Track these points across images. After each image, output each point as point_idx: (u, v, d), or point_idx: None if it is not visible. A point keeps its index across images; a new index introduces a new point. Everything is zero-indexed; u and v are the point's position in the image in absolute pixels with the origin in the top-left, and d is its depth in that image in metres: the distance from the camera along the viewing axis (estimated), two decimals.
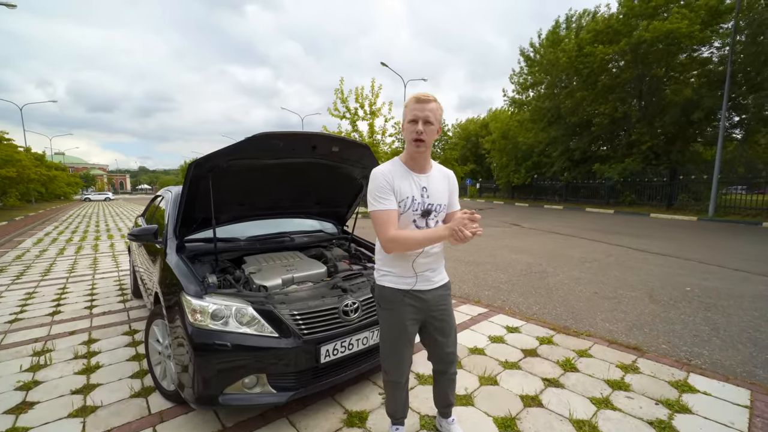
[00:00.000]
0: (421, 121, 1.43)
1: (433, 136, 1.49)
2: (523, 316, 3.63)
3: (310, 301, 2.03)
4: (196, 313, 1.83)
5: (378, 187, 1.49)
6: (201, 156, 2.00)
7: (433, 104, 1.44)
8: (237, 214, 2.69)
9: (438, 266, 1.65)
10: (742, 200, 13.52)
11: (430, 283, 1.60)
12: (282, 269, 2.40)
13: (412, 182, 1.52)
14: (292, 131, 2.09)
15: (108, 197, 50.02)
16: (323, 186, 2.87)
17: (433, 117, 1.44)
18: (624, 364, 2.63)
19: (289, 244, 2.88)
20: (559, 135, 21.05)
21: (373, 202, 1.48)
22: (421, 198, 1.52)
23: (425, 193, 1.54)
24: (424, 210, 1.54)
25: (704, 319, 3.56)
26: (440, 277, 1.65)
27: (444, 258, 1.71)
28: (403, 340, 1.61)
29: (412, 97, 1.47)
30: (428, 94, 1.45)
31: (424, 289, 1.58)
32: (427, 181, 1.55)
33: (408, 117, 1.47)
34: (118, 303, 4.15)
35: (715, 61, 17.01)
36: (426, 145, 1.48)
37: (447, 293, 1.68)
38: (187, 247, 2.51)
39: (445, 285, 1.67)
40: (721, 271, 5.48)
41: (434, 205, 1.56)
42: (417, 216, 1.54)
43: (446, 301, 1.67)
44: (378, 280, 1.64)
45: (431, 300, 1.60)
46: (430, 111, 1.43)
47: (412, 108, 1.45)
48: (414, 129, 1.44)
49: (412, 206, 1.51)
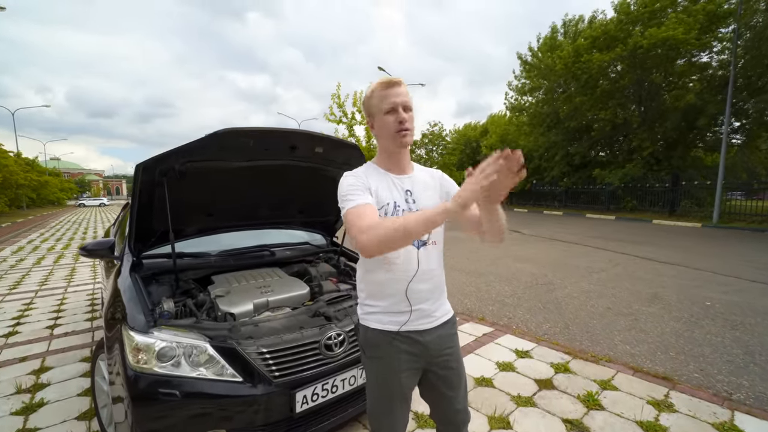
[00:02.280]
0: (401, 107, 1.13)
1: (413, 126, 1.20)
2: (533, 337, 3.26)
3: (286, 333, 1.66)
4: (140, 352, 1.46)
5: (347, 186, 1.15)
6: (151, 157, 1.64)
7: (405, 87, 1.16)
8: (205, 225, 2.32)
9: (439, 295, 1.26)
10: (745, 206, 13.27)
11: (429, 319, 1.21)
12: (255, 291, 2.03)
13: (392, 185, 1.20)
14: (265, 127, 1.74)
15: (103, 203, 49.48)
16: (307, 192, 2.52)
17: (410, 100, 1.16)
18: (655, 399, 2.27)
19: (268, 260, 2.51)
20: (559, 140, 20.82)
21: (343, 204, 1.13)
22: (406, 204, 1.19)
23: (410, 197, 1.21)
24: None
25: (734, 340, 3.20)
26: (443, 310, 1.26)
27: (445, 287, 1.30)
28: (396, 398, 1.22)
29: (378, 83, 1.16)
30: (394, 77, 1.17)
31: (421, 329, 1.19)
32: (411, 184, 1.22)
33: (383, 108, 1.14)
34: (85, 321, 3.75)
35: (714, 65, 16.91)
36: (411, 135, 1.18)
37: (453, 332, 1.28)
38: (146, 264, 2.15)
39: (449, 321, 1.27)
40: (738, 283, 5.14)
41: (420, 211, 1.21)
42: None
43: (452, 342, 1.26)
44: (361, 318, 1.26)
45: (432, 343, 1.20)
46: (405, 95, 1.15)
47: (383, 96, 1.14)
48: (396, 118, 1.13)
49: (394, 213, 1.17)
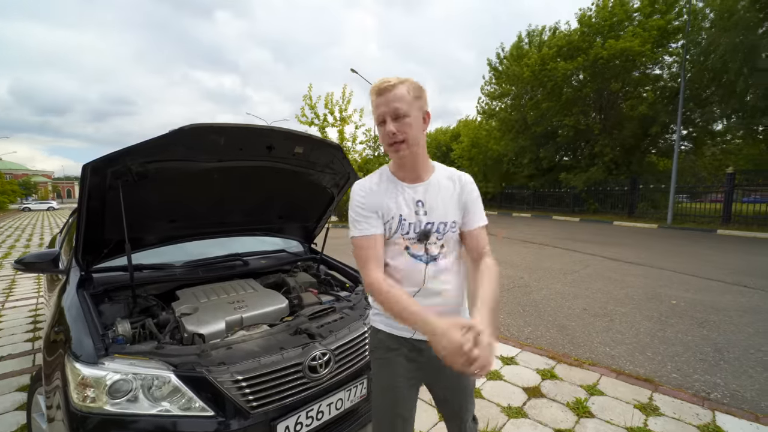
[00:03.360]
0: (389, 118, 1.02)
1: (419, 129, 1.06)
2: (517, 342, 3.23)
3: (264, 355, 1.46)
4: (86, 388, 1.23)
5: (353, 207, 1.13)
6: (101, 156, 1.40)
7: (399, 89, 1.02)
8: (168, 233, 2.07)
9: (453, 308, 1.16)
10: (694, 209, 14.29)
11: None
12: (227, 307, 1.81)
13: (400, 196, 1.12)
14: (238, 124, 1.55)
15: (52, 206, 45.65)
16: (285, 197, 2.33)
17: (405, 105, 1.02)
18: (641, 403, 2.27)
19: (240, 270, 2.29)
20: (527, 145, 21.57)
21: (350, 227, 1.12)
22: (416, 216, 1.11)
23: (421, 208, 1.12)
24: (421, 231, 1.11)
25: (702, 338, 3.33)
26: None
27: (465, 299, 1.21)
28: (396, 408, 1.16)
29: (372, 88, 1.06)
30: (388, 79, 1.04)
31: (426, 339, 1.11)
32: (424, 192, 1.13)
33: (376, 118, 1.06)
34: (25, 343, 3.31)
35: (666, 77, 18.20)
36: (409, 145, 1.05)
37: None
38: (97, 279, 1.87)
39: None
40: (696, 281, 5.43)
41: (434, 224, 1.12)
42: (410, 241, 1.12)
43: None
44: (371, 319, 1.25)
45: (437, 361, 1.04)
46: (397, 100, 1.01)
47: (376, 105, 1.05)
48: (384, 132, 1.04)
49: (400, 228, 1.11)
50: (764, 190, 12.83)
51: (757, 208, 12.35)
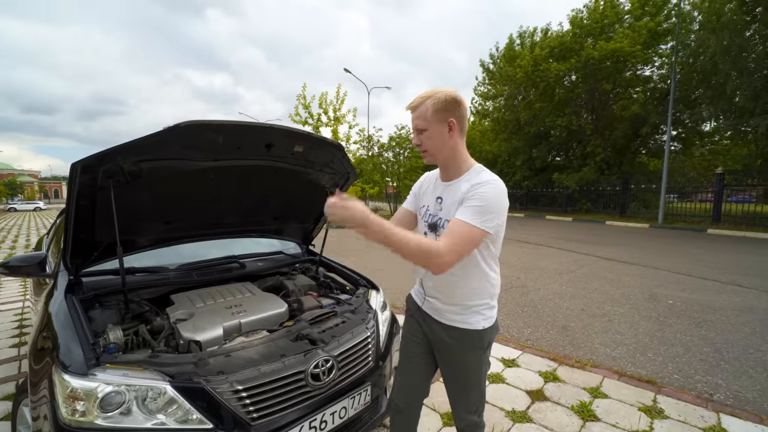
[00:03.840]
0: (415, 132, 1.25)
1: (440, 139, 1.22)
2: (517, 344, 3.20)
3: (264, 363, 1.40)
4: (76, 401, 1.15)
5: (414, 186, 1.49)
6: (92, 155, 1.32)
7: (422, 107, 1.21)
8: (162, 235, 1.98)
9: (451, 299, 1.29)
10: (684, 208, 14.51)
11: (437, 313, 1.35)
12: (225, 312, 1.74)
13: (434, 190, 1.36)
14: (237, 122, 1.48)
15: (39, 207, 44.74)
16: (282, 196, 2.26)
17: (423, 122, 1.21)
18: (645, 405, 2.25)
19: (237, 273, 2.21)
20: (520, 145, 21.70)
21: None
22: (435, 209, 1.33)
23: (439, 204, 1.31)
24: (431, 223, 1.33)
25: (701, 338, 3.33)
26: (456, 317, 1.29)
27: (480, 294, 1.27)
28: (404, 357, 1.49)
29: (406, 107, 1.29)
30: (420, 96, 1.23)
31: (431, 315, 1.37)
32: (443, 190, 1.31)
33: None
34: (11, 348, 3.18)
35: (655, 79, 18.46)
36: (429, 153, 1.26)
37: (463, 340, 1.28)
38: (86, 283, 1.78)
39: (459, 331, 1.28)
40: (691, 281, 5.48)
41: (441, 220, 1.29)
42: (426, 228, 1.35)
43: (459, 349, 1.30)
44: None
45: (439, 335, 1.33)
46: (418, 117, 1.22)
47: (411, 119, 1.28)
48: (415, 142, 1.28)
49: (424, 216, 1.37)
50: (751, 190, 13.08)
51: (746, 207, 12.58)
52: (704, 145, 18.70)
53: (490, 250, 1.25)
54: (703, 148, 18.94)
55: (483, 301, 1.27)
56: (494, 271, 1.28)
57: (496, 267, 1.30)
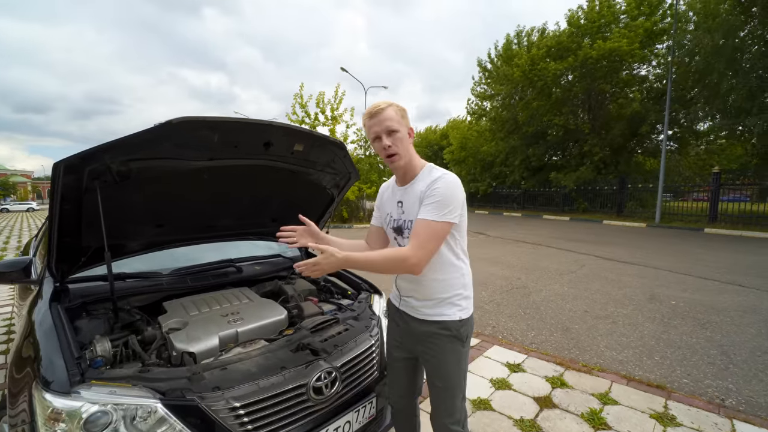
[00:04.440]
0: (384, 135, 1.25)
1: (406, 143, 1.29)
2: (522, 347, 3.13)
3: (263, 377, 1.31)
4: (58, 422, 1.05)
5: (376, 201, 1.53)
6: (76, 153, 1.22)
7: (387, 111, 1.24)
8: (154, 239, 1.88)
9: (424, 295, 1.32)
10: (680, 207, 14.55)
11: (414, 310, 1.36)
12: (220, 320, 1.64)
13: (392, 197, 1.41)
14: (234, 118, 1.38)
15: (32, 207, 44.15)
16: (281, 197, 2.17)
17: (396, 123, 1.25)
18: (657, 412, 2.18)
19: (234, 278, 2.12)
20: (518, 145, 21.68)
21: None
22: (397, 214, 1.37)
23: (400, 207, 1.36)
24: (395, 227, 1.37)
25: (707, 340, 3.28)
26: (431, 311, 1.31)
27: (452, 286, 1.31)
28: (389, 360, 1.53)
29: (364, 114, 1.30)
30: (378, 104, 1.27)
31: (409, 314, 1.38)
32: (402, 194, 1.36)
33: (370, 137, 1.30)
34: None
35: (651, 78, 18.52)
36: (401, 156, 1.28)
37: (441, 332, 1.29)
38: (74, 290, 1.68)
39: (436, 324, 1.30)
40: (692, 281, 5.44)
41: (405, 222, 1.33)
42: (392, 234, 1.41)
43: (437, 341, 1.30)
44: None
45: (417, 331, 1.35)
46: (388, 120, 1.24)
47: (368, 126, 1.28)
48: (380, 146, 1.27)
49: (389, 223, 1.41)
50: (746, 189, 13.14)
51: (742, 206, 12.63)
52: (700, 145, 18.79)
53: (456, 239, 1.30)
54: (698, 147, 19.04)
55: (456, 292, 1.31)
56: (462, 261, 1.33)
57: (464, 257, 1.35)
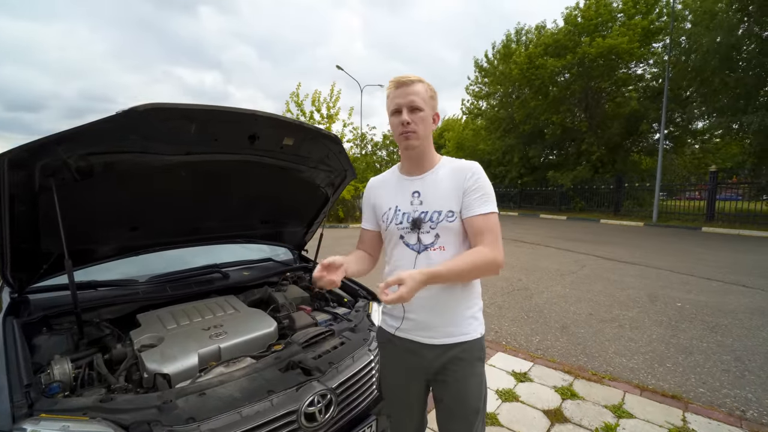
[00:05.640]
0: (406, 109, 1.08)
1: (429, 126, 1.13)
2: (527, 354, 2.97)
3: (247, 403, 1.13)
4: None
5: (362, 204, 1.33)
6: (22, 145, 1.04)
7: (416, 85, 1.09)
8: (128, 243, 1.70)
9: (443, 312, 1.12)
10: (676, 206, 14.53)
11: (425, 333, 1.13)
12: (201, 334, 1.47)
13: (400, 189, 1.20)
14: (211, 106, 1.21)
15: None
16: (270, 197, 1.99)
17: (421, 101, 1.09)
18: (676, 426, 2.04)
19: (219, 285, 1.93)
20: (515, 143, 21.60)
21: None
22: (411, 206, 1.16)
23: (416, 198, 1.16)
24: (413, 220, 1.14)
25: (719, 345, 3.15)
26: (452, 329, 1.11)
27: (475, 294, 1.16)
28: (397, 401, 1.26)
29: (391, 81, 1.12)
30: (408, 75, 1.11)
31: (415, 340, 1.14)
32: (421, 184, 1.17)
33: (390, 108, 1.12)
34: None
35: (648, 77, 18.51)
36: (419, 137, 1.11)
37: (462, 357, 1.11)
38: (35, 302, 1.50)
39: (458, 346, 1.11)
40: (695, 281, 5.34)
41: (427, 213, 1.12)
42: (404, 230, 1.15)
43: (457, 367, 1.11)
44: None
45: (433, 360, 1.13)
46: (414, 94, 1.08)
47: (392, 96, 1.11)
48: (398, 121, 1.09)
49: (394, 218, 1.17)
50: (740, 188, 13.15)
51: (739, 205, 12.62)
52: (695, 144, 18.82)
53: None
54: (693, 146, 19.07)
55: (477, 302, 1.18)
56: None
57: None
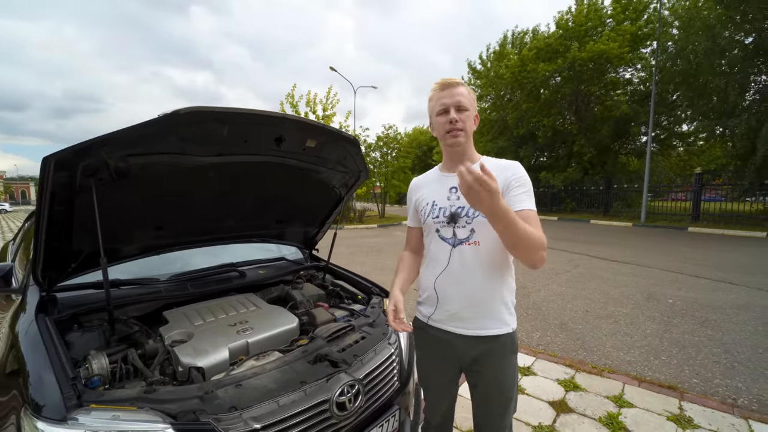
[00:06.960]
0: (453, 108, 1.15)
1: (472, 125, 1.20)
2: (529, 349, 3.07)
3: (282, 393, 1.19)
4: None
5: (407, 201, 1.41)
6: (69, 147, 1.08)
7: (461, 88, 1.17)
8: (152, 242, 1.74)
9: (476, 305, 1.17)
10: (663, 207, 14.93)
11: (459, 323, 1.19)
12: (228, 330, 1.52)
13: (439, 185, 1.26)
14: (246, 110, 1.26)
15: (4, 209, 42.39)
16: (287, 197, 2.04)
17: (467, 101, 1.16)
18: (673, 414, 2.15)
19: (237, 283, 1.98)
20: (507, 146, 21.90)
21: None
22: (448, 201, 1.21)
23: (454, 194, 1.20)
24: (450, 214, 1.19)
25: (709, 339, 3.30)
26: (483, 322, 1.17)
27: (511, 289, 1.23)
28: (432, 381, 1.37)
29: (436, 84, 1.20)
30: (452, 78, 1.19)
31: (449, 330, 1.21)
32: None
33: (436, 109, 1.19)
34: None
35: (635, 81, 18.97)
36: (466, 135, 1.18)
37: (497, 349, 1.17)
38: (63, 300, 1.53)
39: (495, 338, 1.17)
40: (685, 279, 5.53)
41: (464, 208, 1.17)
42: (441, 224, 1.21)
43: (493, 359, 1.18)
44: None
45: (465, 352, 1.19)
46: (460, 95, 1.16)
47: (438, 97, 1.18)
48: (446, 119, 1.16)
49: (431, 212, 1.23)
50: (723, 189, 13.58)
51: (723, 206, 13.03)
52: (681, 146, 19.33)
53: None
54: (679, 148, 19.58)
55: (510, 296, 1.22)
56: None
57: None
